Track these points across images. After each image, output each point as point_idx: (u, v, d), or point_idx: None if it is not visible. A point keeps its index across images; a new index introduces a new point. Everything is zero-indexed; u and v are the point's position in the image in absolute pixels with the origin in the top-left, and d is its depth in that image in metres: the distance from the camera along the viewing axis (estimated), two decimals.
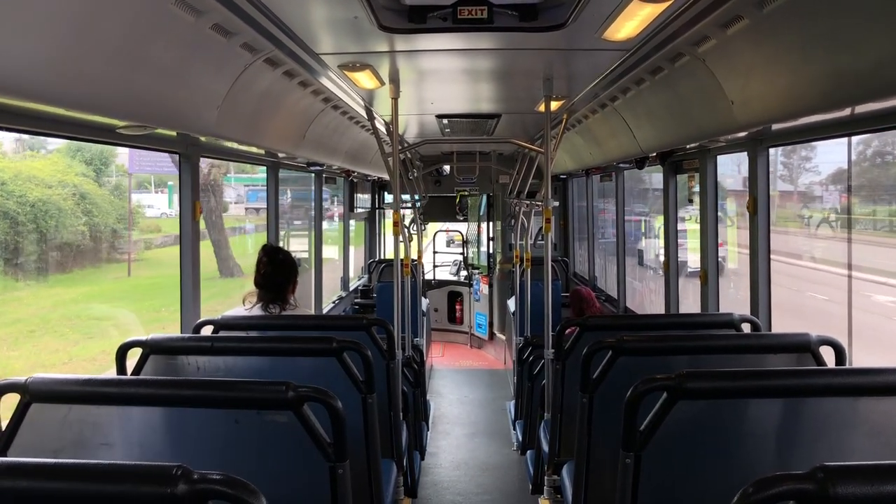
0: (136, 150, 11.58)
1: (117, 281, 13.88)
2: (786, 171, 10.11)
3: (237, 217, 19.82)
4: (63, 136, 3.22)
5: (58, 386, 2.19)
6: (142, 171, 14.12)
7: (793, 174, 10.12)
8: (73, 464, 1.36)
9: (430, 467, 6.78)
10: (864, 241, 7.27)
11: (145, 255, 15.31)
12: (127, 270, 13.90)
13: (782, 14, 2.79)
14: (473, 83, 5.27)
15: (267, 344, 3.16)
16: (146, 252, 15.45)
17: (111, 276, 13.75)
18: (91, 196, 12.41)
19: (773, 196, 8.75)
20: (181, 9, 2.74)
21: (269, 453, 2.25)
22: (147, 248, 15.69)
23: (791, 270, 8.54)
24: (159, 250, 15.45)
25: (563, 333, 3.97)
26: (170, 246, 14.50)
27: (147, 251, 15.58)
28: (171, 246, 14.40)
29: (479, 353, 12.77)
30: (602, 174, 8.56)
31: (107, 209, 12.91)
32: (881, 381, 2.19)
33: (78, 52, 2.37)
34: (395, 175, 4.94)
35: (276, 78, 4.15)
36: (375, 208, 12.99)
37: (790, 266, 8.54)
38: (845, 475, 1.24)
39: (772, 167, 4.22)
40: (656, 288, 6.75)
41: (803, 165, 9.85)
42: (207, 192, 13.17)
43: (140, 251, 15.13)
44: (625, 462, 2.19)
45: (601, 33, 3.46)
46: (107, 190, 13.87)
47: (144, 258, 15.11)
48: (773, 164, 8.99)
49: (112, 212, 13.28)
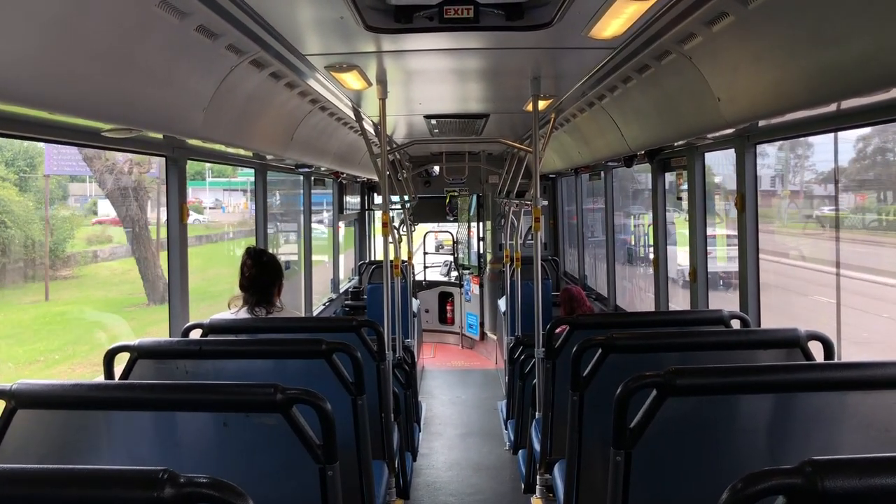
0: (55, 148, 9.60)
1: (29, 307, 10.70)
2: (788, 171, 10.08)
3: (215, 225, 18.61)
4: (46, 139, 3.19)
5: (44, 391, 2.16)
6: (60, 171, 11.43)
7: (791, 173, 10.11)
8: (58, 469, 1.34)
9: (423, 468, 6.77)
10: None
11: (84, 272, 12.73)
12: (45, 293, 10.79)
13: (767, 10, 2.80)
14: (461, 83, 5.27)
15: (256, 347, 3.15)
16: (86, 268, 12.88)
17: (29, 300, 10.77)
18: (5, 203, 10.32)
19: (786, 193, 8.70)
20: (165, 10, 2.73)
21: (258, 456, 2.24)
22: (92, 262, 13.12)
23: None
24: (107, 264, 13.17)
25: (553, 332, 3.97)
26: (121, 258, 12.80)
27: (87, 266, 12.95)
28: (122, 258, 12.79)
29: (470, 354, 12.77)
30: (591, 173, 8.57)
31: (27, 218, 10.70)
32: (870, 375, 2.19)
33: (61, 54, 2.35)
34: (383, 176, 4.93)
35: (263, 79, 4.14)
36: (365, 210, 12.97)
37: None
38: (833, 469, 1.24)
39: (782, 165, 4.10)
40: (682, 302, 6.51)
41: (801, 164, 9.83)
42: (128, 197, 11.27)
43: (78, 266, 12.50)
44: (615, 460, 2.19)
45: (587, 31, 3.47)
46: (31, 195, 11.41)
47: (82, 275, 12.59)
48: (785, 161, 8.96)
49: (36, 221, 10.85)
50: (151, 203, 11.53)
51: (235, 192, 20.46)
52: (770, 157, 9.18)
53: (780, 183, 9.62)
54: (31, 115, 2.67)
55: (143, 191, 11.51)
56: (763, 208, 4.53)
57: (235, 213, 19.98)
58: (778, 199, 9.19)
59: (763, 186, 10.65)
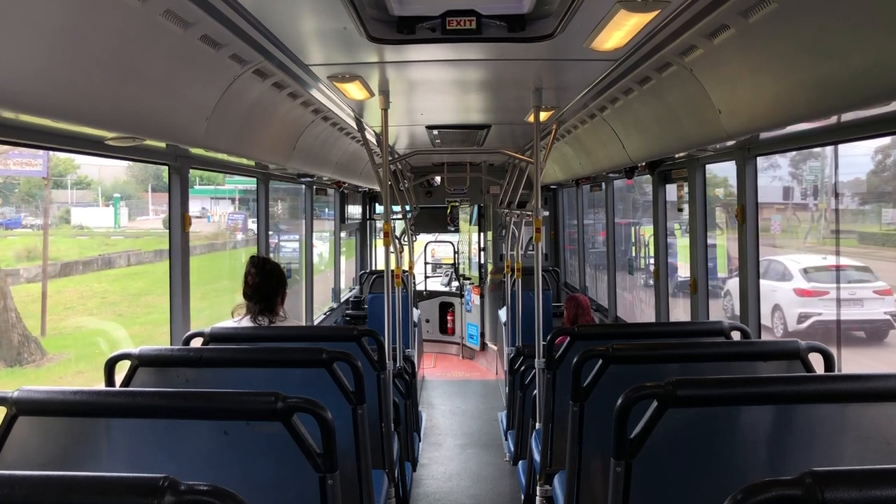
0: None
1: None
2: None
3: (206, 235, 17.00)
4: (49, 147, 3.21)
5: (45, 398, 2.16)
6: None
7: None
8: (59, 476, 1.35)
9: (422, 478, 6.75)
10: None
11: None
12: None
13: (768, 24, 2.81)
14: (463, 94, 5.29)
15: (256, 355, 3.15)
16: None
17: None
18: None
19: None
20: (170, 20, 2.74)
21: (258, 464, 2.24)
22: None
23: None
24: (32, 286, 10.55)
25: (553, 343, 3.97)
26: (56, 278, 11.07)
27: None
28: (57, 278, 11.19)
29: (470, 364, 12.75)
30: (592, 184, 8.58)
31: None
32: (870, 387, 2.19)
33: (66, 63, 2.37)
34: (385, 186, 4.94)
35: (266, 89, 4.16)
36: (366, 219, 12.99)
37: None
38: (833, 480, 1.24)
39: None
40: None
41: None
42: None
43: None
44: (615, 471, 2.19)
45: (589, 43, 3.48)
46: None
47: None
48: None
49: None
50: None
51: (223, 201, 19.16)
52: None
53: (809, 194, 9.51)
54: (36, 123, 2.69)
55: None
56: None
57: (220, 225, 18.70)
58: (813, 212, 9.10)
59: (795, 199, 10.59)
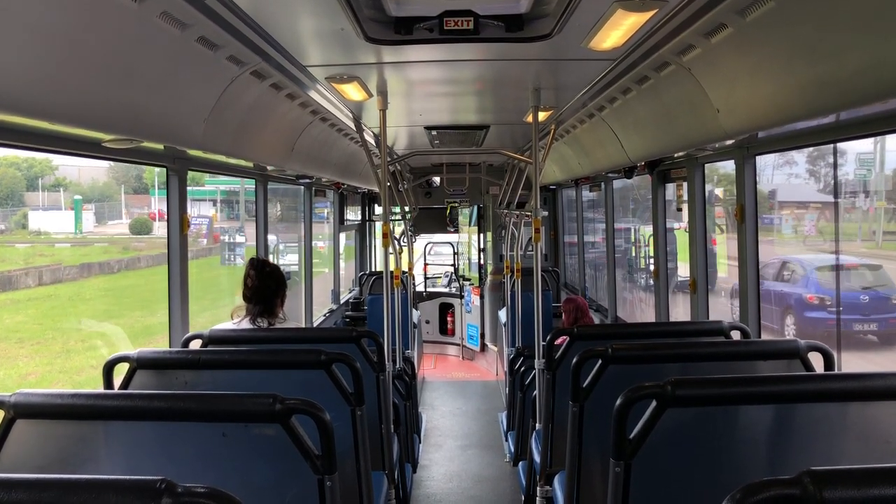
0: None
1: None
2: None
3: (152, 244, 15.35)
4: (46, 150, 3.19)
5: (43, 401, 2.16)
6: None
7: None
8: (56, 478, 1.34)
9: (423, 480, 6.75)
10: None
11: None
12: None
13: (766, 23, 2.81)
14: (461, 94, 5.29)
15: (255, 357, 3.14)
16: None
17: None
18: None
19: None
20: (166, 21, 2.74)
21: (256, 466, 2.23)
22: None
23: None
24: None
25: (553, 343, 3.97)
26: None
27: None
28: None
29: (470, 365, 12.74)
30: (591, 184, 8.58)
31: None
32: (869, 386, 2.19)
33: (62, 65, 2.36)
34: (384, 187, 4.94)
35: (264, 90, 4.15)
36: (366, 220, 12.98)
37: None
38: (832, 479, 1.23)
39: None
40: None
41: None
42: None
43: None
44: (615, 471, 2.18)
45: (587, 43, 3.48)
46: None
47: None
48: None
49: None
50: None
51: (204, 203, 17.16)
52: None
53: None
54: (32, 125, 2.67)
55: None
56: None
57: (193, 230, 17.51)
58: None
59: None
